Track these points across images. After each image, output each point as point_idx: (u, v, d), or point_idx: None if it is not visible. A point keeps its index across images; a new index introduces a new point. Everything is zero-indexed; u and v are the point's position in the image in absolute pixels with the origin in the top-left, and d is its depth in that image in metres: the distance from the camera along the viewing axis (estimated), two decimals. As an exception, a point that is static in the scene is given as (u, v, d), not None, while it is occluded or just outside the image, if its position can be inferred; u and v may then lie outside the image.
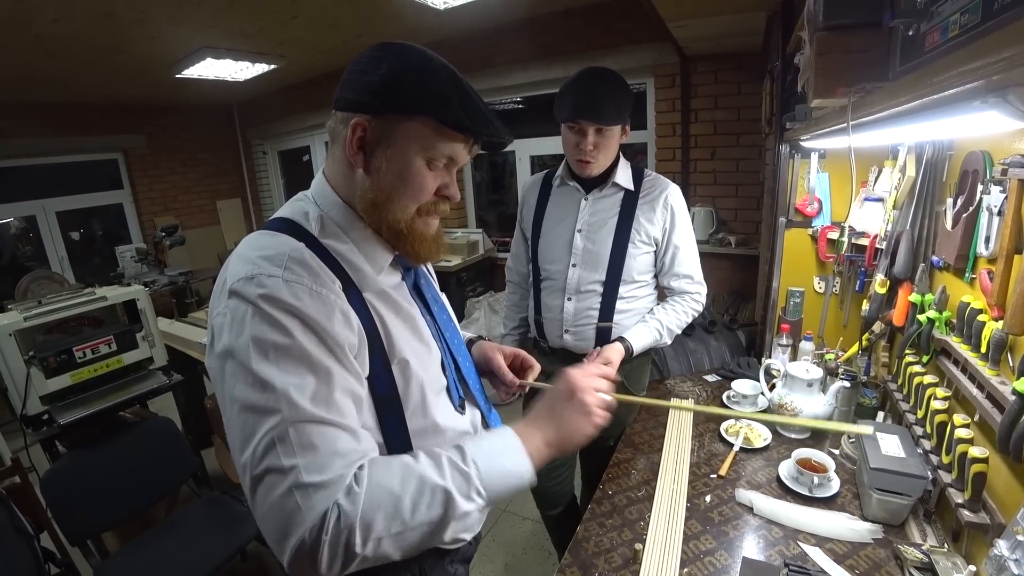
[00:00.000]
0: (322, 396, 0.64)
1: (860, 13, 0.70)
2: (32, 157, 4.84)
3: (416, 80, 0.70)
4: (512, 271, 1.81)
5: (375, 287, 0.77)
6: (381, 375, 0.74)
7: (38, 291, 3.84)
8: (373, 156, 0.73)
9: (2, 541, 1.60)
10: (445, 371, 0.87)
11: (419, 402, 0.79)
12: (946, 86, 0.45)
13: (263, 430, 0.61)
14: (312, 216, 0.75)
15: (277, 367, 0.62)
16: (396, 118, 0.71)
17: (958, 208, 1.15)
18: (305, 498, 0.60)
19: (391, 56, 0.72)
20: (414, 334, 0.81)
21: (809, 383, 1.44)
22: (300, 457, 0.61)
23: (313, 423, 0.63)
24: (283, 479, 0.60)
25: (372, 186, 0.74)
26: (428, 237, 0.79)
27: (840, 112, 0.83)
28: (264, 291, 0.64)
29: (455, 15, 3.18)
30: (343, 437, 0.65)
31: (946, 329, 1.17)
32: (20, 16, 2.70)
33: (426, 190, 0.75)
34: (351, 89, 0.73)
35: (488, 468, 0.69)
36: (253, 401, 0.62)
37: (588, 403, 0.77)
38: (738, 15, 2.30)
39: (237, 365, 0.63)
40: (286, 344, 0.63)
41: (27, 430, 2.04)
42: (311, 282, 0.66)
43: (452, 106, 0.70)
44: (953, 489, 1.00)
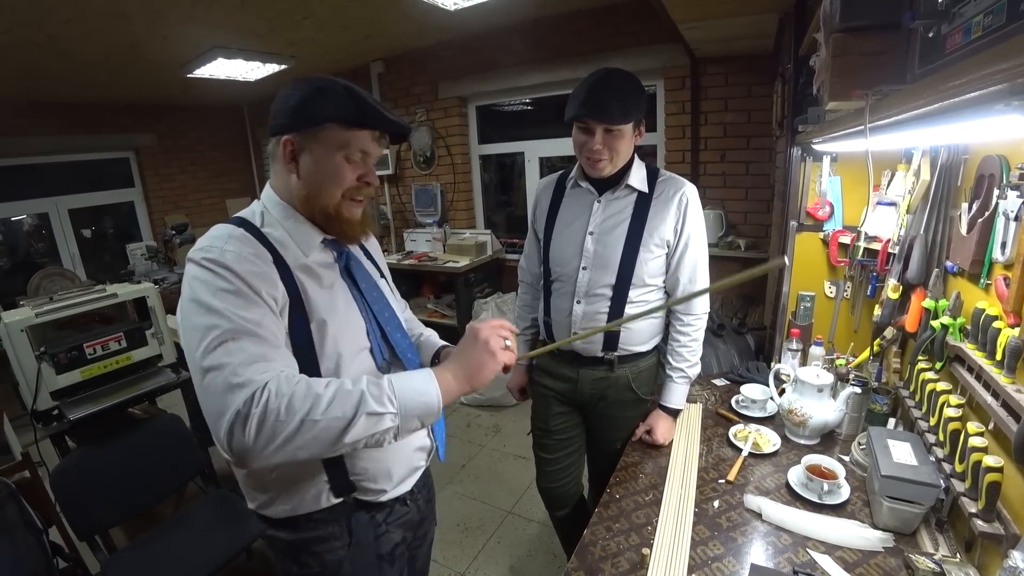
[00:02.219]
0: (253, 319, 0.83)
1: (878, 14, 0.69)
2: (45, 155, 4.88)
3: (319, 97, 0.92)
4: (524, 271, 1.80)
5: (301, 262, 0.96)
6: (300, 331, 0.92)
7: (50, 287, 3.88)
8: (302, 162, 0.94)
9: (12, 535, 1.61)
10: (369, 336, 1.04)
11: (334, 357, 0.96)
12: (968, 89, 0.44)
13: (208, 338, 0.79)
14: (257, 213, 0.99)
15: (218, 299, 0.82)
16: (312, 130, 0.92)
17: (973, 213, 1.14)
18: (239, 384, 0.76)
19: (298, 88, 0.94)
20: (333, 302, 0.99)
21: (819, 388, 1.42)
22: (236, 356, 0.79)
23: (247, 334, 0.81)
24: (222, 371, 0.77)
25: (304, 184, 0.95)
26: (354, 220, 1.01)
27: (855, 115, 0.82)
28: (208, 255, 0.85)
29: (464, 16, 3.18)
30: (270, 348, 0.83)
31: (960, 336, 1.15)
32: (34, 16, 2.73)
33: (346, 178, 0.95)
34: (277, 117, 0.94)
35: (400, 384, 0.85)
36: (199, 321, 0.81)
37: (491, 343, 0.92)
38: (749, 17, 2.29)
39: (189, 302, 0.84)
40: (224, 286, 0.83)
41: (37, 425, 2.06)
42: (246, 253, 0.88)
43: (349, 110, 0.91)
44: (966, 498, 0.98)
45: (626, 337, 1.53)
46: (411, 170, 4.72)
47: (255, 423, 0.75)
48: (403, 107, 4.59)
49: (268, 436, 0.76)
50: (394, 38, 3.95)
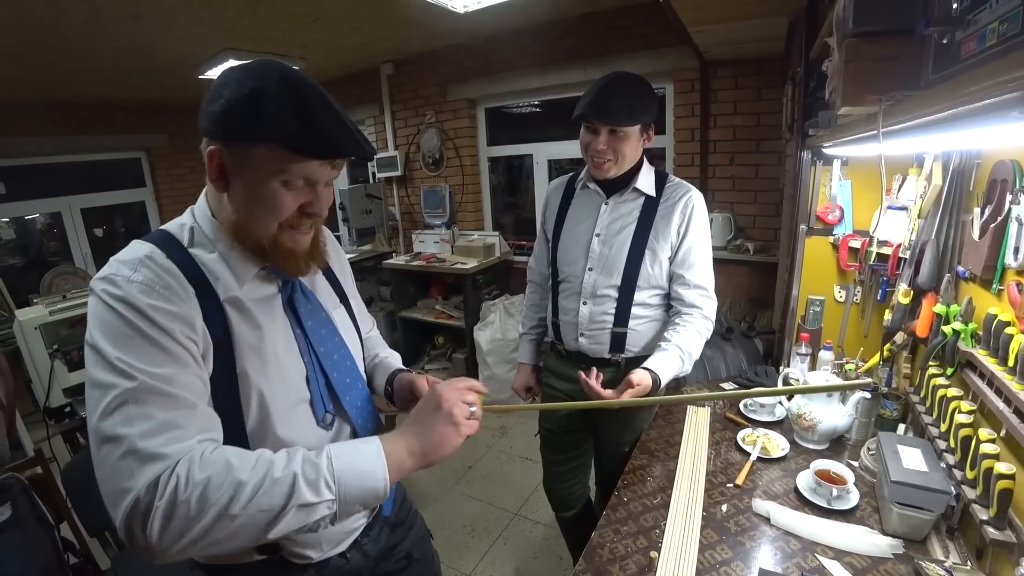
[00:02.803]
0: (162, 373, 0.68)
1: (891, 20, 0.69)
2: (59, 155, 4.94)
3: (252, 107, 0.70)
4: (533, 271, 1.81)
5: (231, 296, 0.79)
6: (224, 380, 0.77)
7: (62, 285, 3.92)
8: (232, 180, 0.76)
9: (24, 530, 1.63)
10: (309, 384, 0.88)
11: (262, 413, 0.81)
12: (983, 96, 0.44)
13: (105, 401, 0.65)
14: (185, 228, 0.81)
15: (116, 347, 0.67)
16: (245, 146, 0.73)
17: (986, 218, 1.13)
18: (139, 463, 0.63)
19: (232, 83, 0.73)
20: (268, 346, 0.82)
21: (829, 394, 1.41)
22: (136, 425, 0.65)
23: (152, 394, 0.67)
24: (119, 445, 0.64)
25: (234, 207, 0.77)
26: (296, 252, 0.82)
27: (867, 120, 0.82)
28: (111, 288, 0.70)
29: (475, 18, 3.19)
30: (183, 410, 0.69)
31: (972, 341, 1.15)
32: (51, 17, 2.77)
33: (284, 209, 0.77)
34: (201, 118, 0.75)
35: (342, 465, 0.71)
36: (97, 377, 0.67)
37: (454, 414, 0.78)
38: (760, 20, 2.28)
39: (89, 349, 0.69)
40: (126, 331, 0.68)
41: (50, 422, 2.09)
42: (158, 285, 0.72)
43: (293, 130, 0.71)
44: (977, 505, 0.98)
45: (633, 339, 1.53)
46: (420, 171, 4.73)
47: (159, 518, 0.61)
48: (412, 108, 4.61)
49: (175, 534, 0.62)
50: (404, 40, 3.97)
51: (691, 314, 1.49)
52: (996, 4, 0.46)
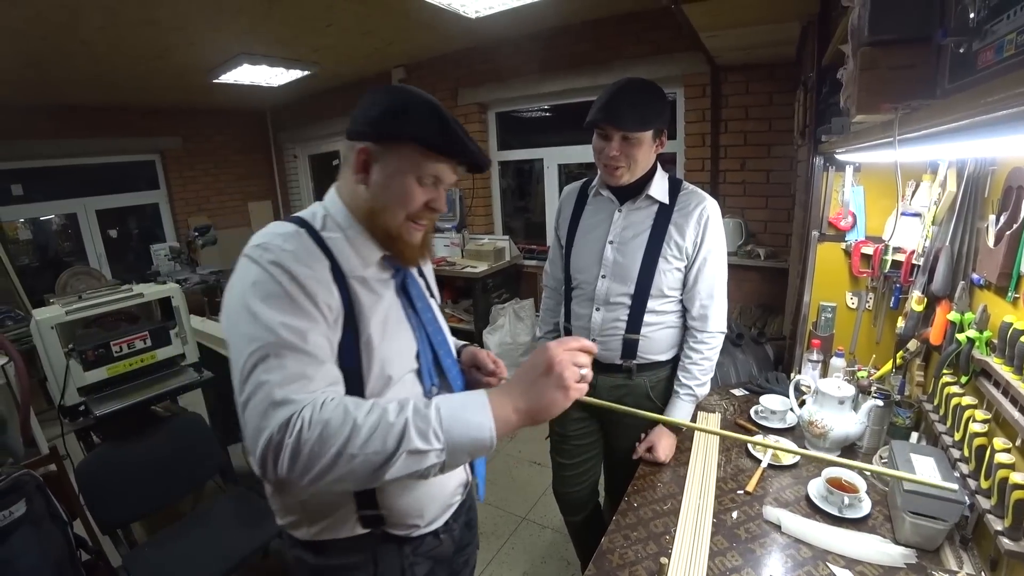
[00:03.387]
0: (300, 331, 0.78)
1: (907, 29, 0.69)
2: (75, 157, 5.03)
3: (403, 114, 0.87)
4: (548, 276, 1.81)
5: (357, 274, 0.91)
6: (348, 348, 0.87)
7: (76, 286, 3.98)
8: (373, 174, 0.90)
9: (39, 526, 1.64)
10: (419, 358, 0.99)
11: (381, 378, 0.91)
12: (1002, 106, 0.44)
13: (249, 351, 0.75)
14: (318, 215, 0.94)
15: (267, 306, 0.77)
16: (389, 144, 0.88)
17: (1001, 225, 1.12)
18: (274, 407, 0.72)
19: (385, 95, 0.89)
20: (388, 318, 0.94)
21: (841, 400, 1.41)
22: (276, 373, 0.74)
23: (290, 349, 0.76)
24: (260, 391, 0.73)
25: (371, 197, 0.91)
26: (414, 244, 0.96)
27: (881, 127, 0.82)
28: (268, 254, 0.81)
29: (486, 24, 3.21)
30: (314, 365, 0.78)
31: (987, 350, 1.14)
32: (69, 22, 2.82)
33: (415, 201, 0.90)
34: (356, 123, 0.90)
35: (450, 416, 0.74)
36: (245, 330, 0.77)
37: (565, 377, 0.77)
38: (772, 25, 2.28)
39: (238, 304, 0.79)
40: (276, 291, 0.79)
41: (64, 420, 2.11)
42: (304, 255, 0.84)
43: (432, 134, 0.86)
44: (992, 516, 0.97)
45: (645, 345, 1.53)
46: (430, 175, 4.76)
47: (288, 453, 0.70)
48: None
49: (302, 468, 0.71)
50: (416, 45, 4.00)
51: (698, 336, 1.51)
52: (1014, 15, 0.46)
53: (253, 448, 0.73)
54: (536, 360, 0.80)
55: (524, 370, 0.81)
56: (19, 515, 1.57)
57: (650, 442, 1.50)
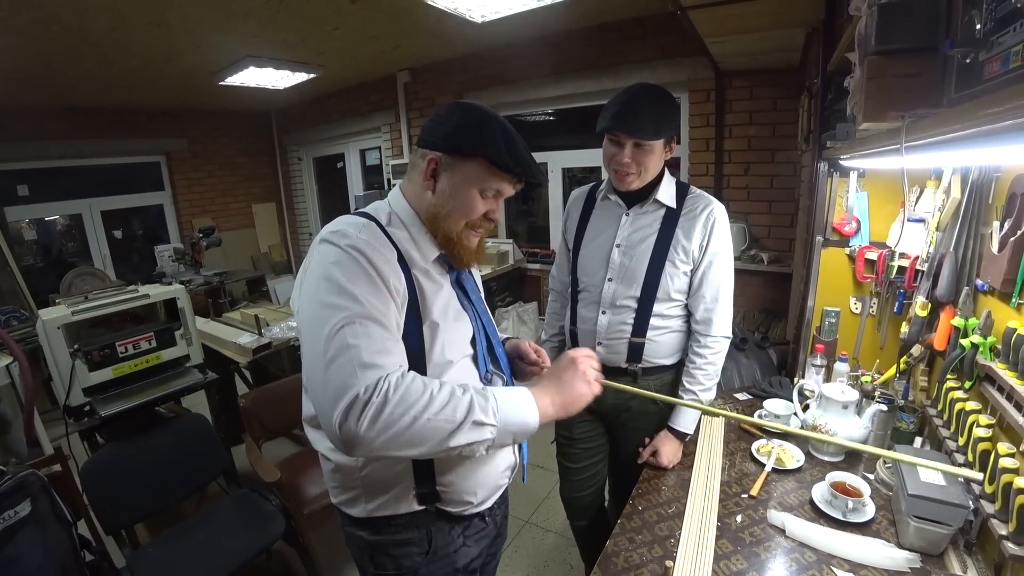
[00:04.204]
0: (380, 308, 0.85)
1: (914, 38, 0.70)
2: (81, 158, 5.06)
3: (477, 131, 0.94)
4: (555, 280, 1.82)
5: (420, 266, 0.98)
6: (412, 333, 0.93)
7: (81, 286, 4.00)
8: (440, 182, 0.98)
9: (43, 526, 1.65)
10: (475, 345, 1.06)
11: (441, 362, 0.98)
12: (1008, 116, 0.45)
13: (338, 317, 0.81)
14: (383, 212, 1.01)
15: (351, 282, 0.84)
16: (460, 157, 0.95)
17: (1005, 231, 1.13)
18: (363, 369, 0.78)
19: (460, 111, 0.97)
20: (447, 307, 1.01)
21: (844, 405, 1.41)
22: (363, 339, 0.81)
23: (374, 321, 0.83)
24: (348, 352, 0.79)
25: (436, 203, 0.98)
26: (471, 248, 1.03)
27: (888, 134, 0.83)
28: (346, 239, 0.88)
29: (492, 28, 3.23)
30: (392, 340, 0.86)
31: (991, 355, 1.14)
32: (79, 25, 2.84)
33: (476, 211, 0.98)
34: (429, 133, 0.98)
35: (503, 401, 0.86)
36: (332, 300, 0.83)
37: (588, 373, 0.95)
38: (778, 32, 2.29)
39: (323, 280, 0.85)
40: (358, 269, 0.86)
41: (69, 420, 2.12)
42: (377, 243, 0.90)
43: (501, 152, 0.93)
44: (996, 520, 0.97)
45: (650, 349, 1.53)
46: (433, 178, 4.78)
47: (371, 412, 0.76)
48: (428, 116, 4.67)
49: (381, 427, 0.76)
50: (421, 49, 4.02)
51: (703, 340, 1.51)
52: (1020, 27, 0.47)
53: (331, 406, 0.77)
54: (562, 362, 0.97)
55: (552, 371, 0.98)
56: (24, 515, 1.57)
57: (654, 447, 1.50)
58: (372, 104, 5.09)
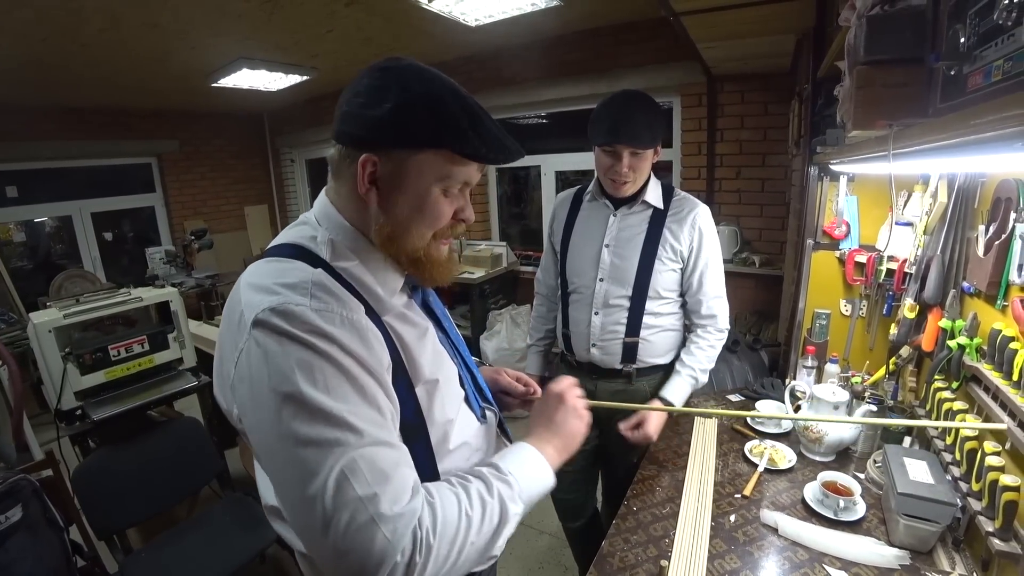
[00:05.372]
0: (377, 420, 0.64)
1: (901, 49, 0.72)
2: (71, 159, 5.01)
3: (426, 113, 0.68)
4: (540, 283, 1.84)
5: (392, 310, 0.76)
6: (406, 401, 0.73)
7: (71, 289, 3.96)
8: (386, 190, 0.71)
9: (35, 532, 1.64)
10: (463, 383, 0.88)
11: (443, 424, 0.80)
12: (989, 128, 0.47)
13: (330, 462, 0.59)
14: (320, 240, 0.73)
15: (328, 394, 0.61)
16: (406, 152, 0.69)
17: (990, 235, 1.15)
18: (390, 527, 0.59)
19: (394, 86, 0.68)
20: (434, 351, 0.82)
21: (835, 406, 1.43)
22: (376, 486, 0.60)
23: (378, 446, 0.62)
24: (362, 509, 0.58)
25: (388, 220, 0.73)
26: (442, 261, 0.79)
27: (876, 141, 0.85)
28: (297, 320, 0.62)
29: (485, 31, 3.24)
30: (403, 458, 0.65)
31: (977, 356, 1.17)
32: (71, 25, 2.82)
33: (444, 217, 0.75)
34: (354, 124, 0.70)
35: (522, 476, 0.75)
36: (311, 434, 0.59)
37: (579, 407, 0.88)
38: (769, 37, 2.33)
39: (284, 398, 0.60)
40: (332, 370, 0.62)
41: (60, 424, 2.11)
42: (340, 308, 0.65)
43: (467, 136, 0.69)
44: (983, 517, 0.99)
45: (644, 348, 1.56)
46: (427, 181, 4.78)
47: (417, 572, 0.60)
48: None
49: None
50: (415, 52, 4.01)
51: (706, 327, 1.57)
52: (1002, 43, 0.49)
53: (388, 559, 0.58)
54: (548, 402, 0.89)
55: (542, 412, 0.89)
56: (15, 520, 1.56)
57: (640, 417, 1.48)
58: (365, 106, 5.09)
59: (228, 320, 0.69)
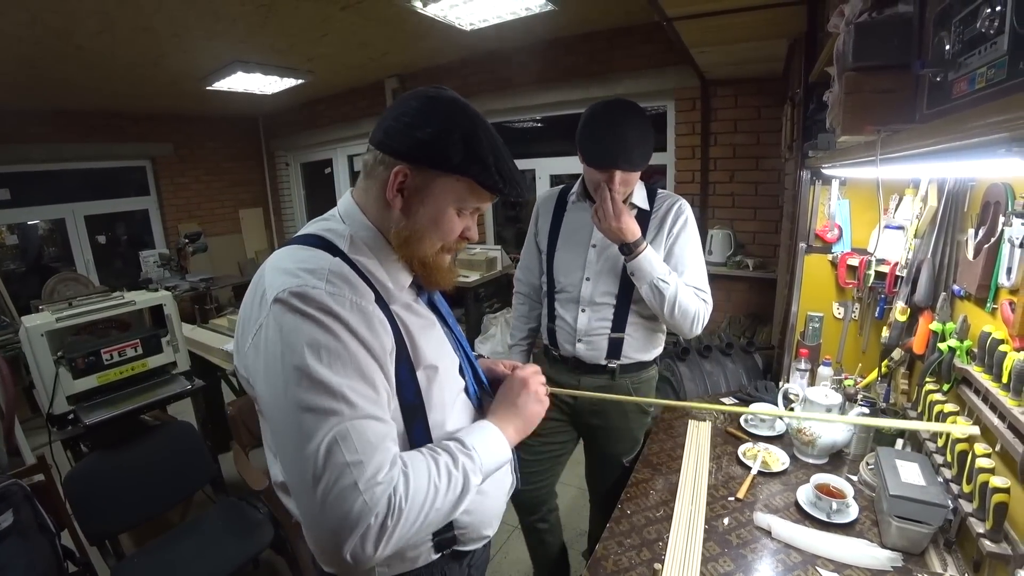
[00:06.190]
0: (371, 396, 0.72)
1: (888, 55, 0.73)
2: (65, 162, 5.00)
3: (462, 144, 0.77)
4: (522, 283, 1.83)
5: (400, 300, 0.86)
6: (407, 383, 0.82)
7: (64, 292, 3.94)
8: (411, 200, 0.81)
9: (25, 537, 1.63)
10: (463, 374, 0.97)
11: (440, 406, 0.88)
12: (973, 134, 0.48)
13: (327, 427, 0.67)
14: (342, 234, 0.83)
15: (331, 369, 0.69)
16: (437, 172, 0.79)
17: (980, 238, 1.17)
18: (370, 492, 0.66)
19: (439, 114, 0.78)
20: (436, 341, 0.91)
21: (828, 408, 1.44)
22: (363, 451, 0.68)
23: (369, 419, 0.70)
24: (347, 473, 0.66)
25: (407, 225, 0.82)
26: (444, 268, 0.90)
27: (865, 146, 0.86)
28: (312, 301, 0.70)
29: (480, 35, 3.26)
30: (390, 433, 0.73)
31: (967, 358, 1.18)
32: (64, 28, 2.82)
33: (454, 233, 0.85)
34: (397, 138, 0.79)
35: (483, 451, 0.83)
36: (312, 402, 0.68)
37: (540, 392, 0.96)
38: (761, 42, 2.34)
39: (297, 371, 0.68)
40: (337, 348, 0.70)
41: (52, 429, 2.09)
42: (351, 294, 0.74)
43: (490, 171, 0.79)
44: (974, 519, 1.00)
45: (629, 344, 1.57)
46: (422, 184, 4.79)
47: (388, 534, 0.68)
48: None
49: (397, 540, 0.69)
50: (410, 56, 4.04)
51: None
52: (985, 51, 0.50)
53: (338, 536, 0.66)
54: (511, 386, 0.96)
55: (506, 395, 0.96)
56: (6, 526, 1.55)
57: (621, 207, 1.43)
58: (360, 110, 5.10)
59: (251, 298, 0.78)
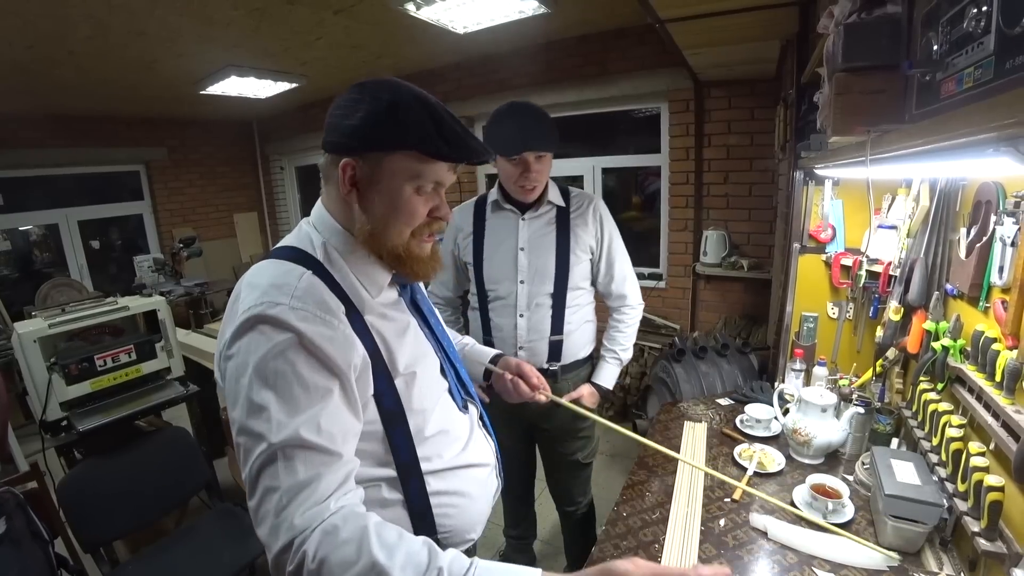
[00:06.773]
0: (313, 422, 0.69)
1: (877, 56, 0.73)
2: (58, 167, 4.96)
3: (391, 117, 0.76)
4: (436, 295, 1.82)
5: (375, 309, 0.84)
6: (386, 392, 0.81)
7: (57, 297, 3.91)
8: (365, 191, 0.80)
9: (18, 545, 1.62)
10: (446, 376, 0.96)
11: (421, 412, 0.86)
12: (962, 134, 0.48)
13: (257, 451, 0.67)
14: (316, 243, 0.83)
15: (274, 392, 0.68)
16: (379, 155, 0.78)
17: (972, 237, 1.17)
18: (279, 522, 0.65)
19: (366, 97, 0.78)
20: (414, 345, 0.89)
21: (823, 408, 1.44)
22: (284, 479, 0.66)
23: (299, 448, 0.68)
24: (269, 499, 0.66)
25: (368, 218, 0.81)
26: (424, 258, 0.87)
27: (856, 147, 0.86)
28: (271, 319, 0.70)
29: (474, 38, 3.26)
30: (326, 460, 0.69)
31: (961, 357, 1.18)
32: (57, 32, 2.80)
33: (417, 215, 0.82)
34: (335, 133, 0.79)
35: None
36: (248, 425, 0.69)
37: None
38: (753, 44, 2.35)
39: (239, 388, 0.70)
40: (285, 371, 0.69)
41: (46, 436, 2.07)
42: (316, 309, 0.73)
43: (430, 136, 0.76)
44: (969, 517, 1.00)
45: (568, 345, 1.63)
46: (417, 187, 4.79)
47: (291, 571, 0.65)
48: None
49: None
50: (404, 59, 4.03)
51: (620, 308, 1.70)
52: (972, 51, 0.50)
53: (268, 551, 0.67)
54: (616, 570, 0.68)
55: None
56: (-1, 534, 1.54)
57: (579, 394, 1.64)
58: (355, 113, 5.09)
59: (229, 310, 0.79)
